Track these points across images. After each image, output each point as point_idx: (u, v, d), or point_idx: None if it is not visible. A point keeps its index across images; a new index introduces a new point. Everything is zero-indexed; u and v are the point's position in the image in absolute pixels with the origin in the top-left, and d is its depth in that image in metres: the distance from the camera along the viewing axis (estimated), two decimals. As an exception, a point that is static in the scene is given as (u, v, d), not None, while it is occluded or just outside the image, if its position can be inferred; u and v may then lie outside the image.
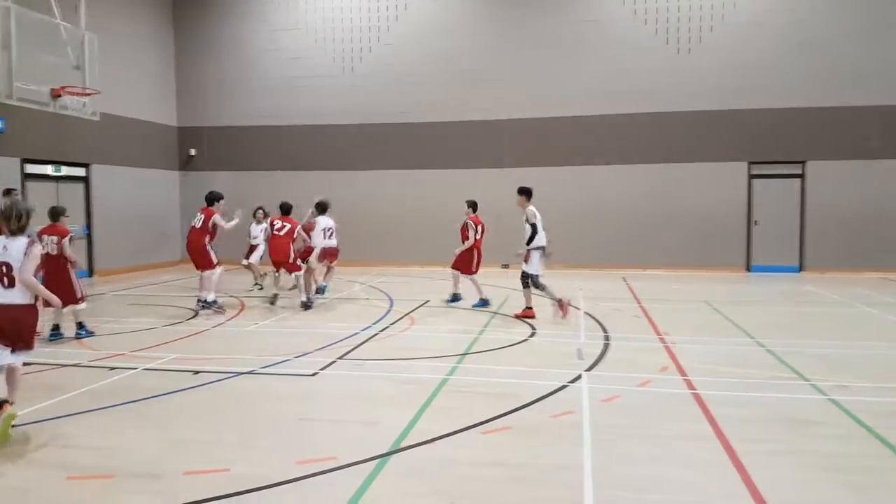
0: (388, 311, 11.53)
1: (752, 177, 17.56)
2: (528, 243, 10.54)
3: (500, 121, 18.59)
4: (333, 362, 7.82)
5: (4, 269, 5.40)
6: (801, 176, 17.35)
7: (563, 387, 6.68)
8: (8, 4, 13.02)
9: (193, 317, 10.94)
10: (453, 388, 6.74)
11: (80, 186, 16.73)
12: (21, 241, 5.49)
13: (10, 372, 5.61)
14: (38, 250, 5.56)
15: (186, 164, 20.54)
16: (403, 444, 5.17)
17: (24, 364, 7.21)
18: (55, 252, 8.86)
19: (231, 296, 13.11)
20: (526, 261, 10.59)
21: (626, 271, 17.52)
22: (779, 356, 8.05)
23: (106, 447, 5.18)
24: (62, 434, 5.47)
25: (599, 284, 15.10)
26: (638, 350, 8.41)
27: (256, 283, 14.14)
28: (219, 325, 10.27)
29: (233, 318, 10.93)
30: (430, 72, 18.84)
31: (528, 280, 10.55)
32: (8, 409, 5.33)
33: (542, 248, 10.62)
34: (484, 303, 11.88)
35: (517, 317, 10.69)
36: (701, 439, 5.30)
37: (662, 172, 17.81)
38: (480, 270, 12.30)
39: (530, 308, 10.76)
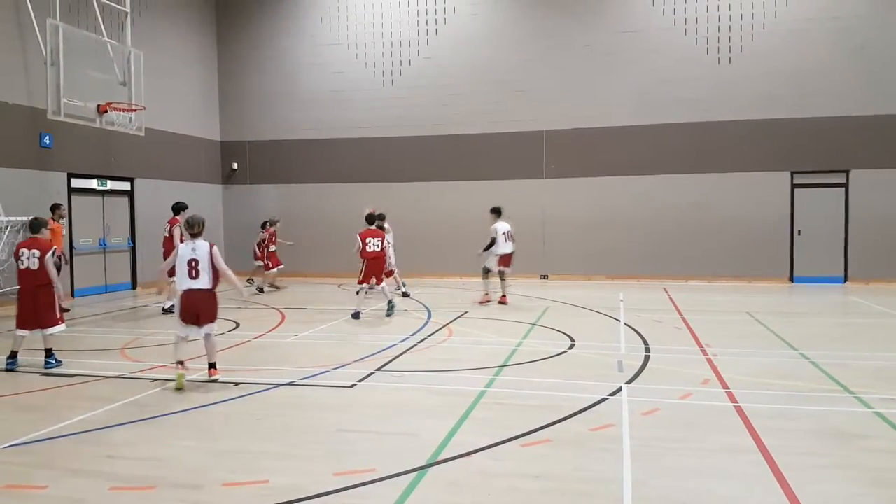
0: (427, 322, 11.55)
1: (794, 186, 17.22)
2: (485, 249, 13.46)
3: (539, 132, 18.56)
4: (372, 374, 7.86)
5: (194, 263, 7.21)
6: (845, 185, 16.95)
7: (603, 399, 6.61)
8: (56, 23, 13.44)
9: (234, 328, 11.09)
10: (492, 400, 6.71)
11: (125, 200, 17.12)
12: (204, 244, 7.31)
13: (206, 340, 7.47)
14: (217, 250, 7.39)
15: (229, 177, 20.90)
16: (442, 457, 5.16)
17: (72, 375, 7.45)
18: (35, 267, 8.15)
19: (272, 307, 13.30)
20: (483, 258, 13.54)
21: (667, 282, 17.30)
22: (823, 368, 7.86)
23: (148, 458, 5.27)
24: (106, 444, 5.58)
25: (640, 295, 14.93)
26: (679, 362, 8.28)
27: (264, 287, 16.15)
28: (259, 336, 10.39)
29: (273, 329, 11.06)
30: (469, 83, 18.92)
31: (489, 272, 13.56)
32: (216, 373, 7.46)
33: (499, 256, 13.44)
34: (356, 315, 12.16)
35: (500, 301, 13.46)
36: (744, 453, 5.19)
37: (703, 182, 17.57)
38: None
39: (502, 295, 13.52)
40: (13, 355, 8.25)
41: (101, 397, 6.92)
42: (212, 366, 7.53)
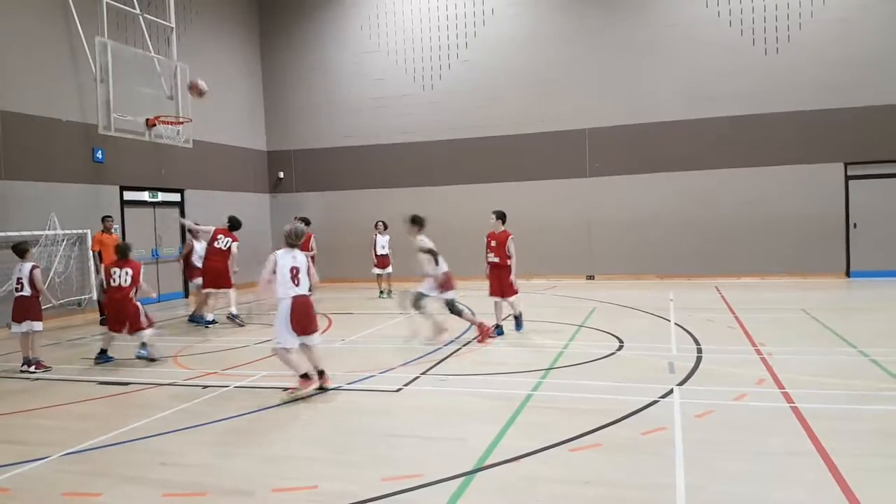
0: (471, 325, 11.47)
1: (848, 178, 16.68)
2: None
3: (582, 130, 18.38)
4: (417, 378, 7.85)
5: (295, 271, 7.18)
6: (903, 175, 16.39)
7: (655, 402, 6.46)
8: (105, 41, 13.81)
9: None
10: (539, 404, 6.63)
11: (176, 211, 17.50)
12: (302, 254, 7.35)
13: (311, 350, 7.37)
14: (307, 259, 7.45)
15: (276, 186, 21.24)
16: (489, 462, 5.10)
17: (126, 384, 7.63)
18: (127, 284, 9.22)
19: (319, 312, 13.38)
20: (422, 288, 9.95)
21: (719, 280, 16.92)
22: (885, 367, 7.56)
23: (200, 464, 5.34)
24: (159, 451, 5.67)
25: (691, 294, 14.63)
26: (733, 362, 8.07)
27: (382, 293, 15.77)
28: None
29: (320, 334, 11.11)
30: (508, 84, 18.85)
31: (454, 304, 9.94)
32: (329, 381, 7.39)
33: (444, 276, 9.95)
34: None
35: (480, 342, 9.91)
36: (802, 456, 5.01)
37: (753, 176, 17.15)
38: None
39: (482, 324, 10.09)
40: (104, 352, 9.36)
41: (154, 405, 7.05)
42: (322, 373, 7.39)
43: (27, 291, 9.06)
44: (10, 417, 6.88)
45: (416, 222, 10.14)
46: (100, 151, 14.81)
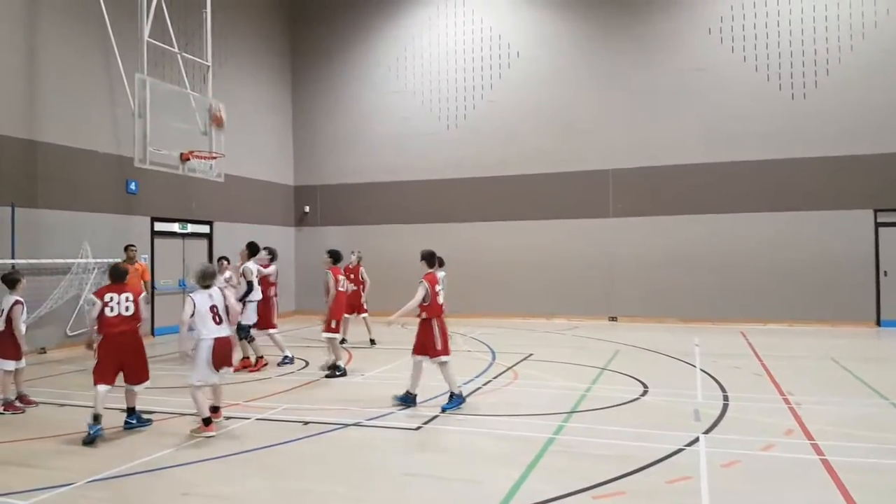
0: (491, 364, 11.44)
1: (878, 225, 16.46)
2: (242, 298, 10.68)
3: (605, 170, 18.42)
4: (437, 416, 7.81)
5: (215, 310, 7.26)
6: (934, 223, 16.17)
7: (680, 450, 6.36)
8: (144, 77, 14.15)
9: (304, 367, 11.24)
10: (561, 448, 6.55)
11: (204, 242, 17.75)
12: (218, 292, 7.38)
13: (216, 387, 7.53)
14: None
15: (301, 220, 21.51)
16: (510, 505, 5.05)
17: (150, 412, 7.65)
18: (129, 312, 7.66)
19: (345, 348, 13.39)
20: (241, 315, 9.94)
21: (745, 325, 16.69)
22: (919, 420, 7.40)
23: (221, 495, 5.34)
24: (181, 481, 5.69)
25: (716, 339, 14.44)
26: (760, 411, 7.94)
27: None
28: (329, 375, 10.49)
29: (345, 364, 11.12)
30: (532, 125, 19.02)
31: (245, 332, 10.98)
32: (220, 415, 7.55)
33: (256, 302, 11.15)
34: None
35: (236, 370, 9.91)
36: (832, 511, 4.91)
37: (780, 221, 17.00)
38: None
39: (248, 358, 11.08)
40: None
41: (176, 434, 7.08)
42: (217, 409, 7.64)
43: (1, 326, 8.19)
44: (35, 443, 6.95)
45: (249, 248, 11.27)
46: (133, 183, 15.13)
